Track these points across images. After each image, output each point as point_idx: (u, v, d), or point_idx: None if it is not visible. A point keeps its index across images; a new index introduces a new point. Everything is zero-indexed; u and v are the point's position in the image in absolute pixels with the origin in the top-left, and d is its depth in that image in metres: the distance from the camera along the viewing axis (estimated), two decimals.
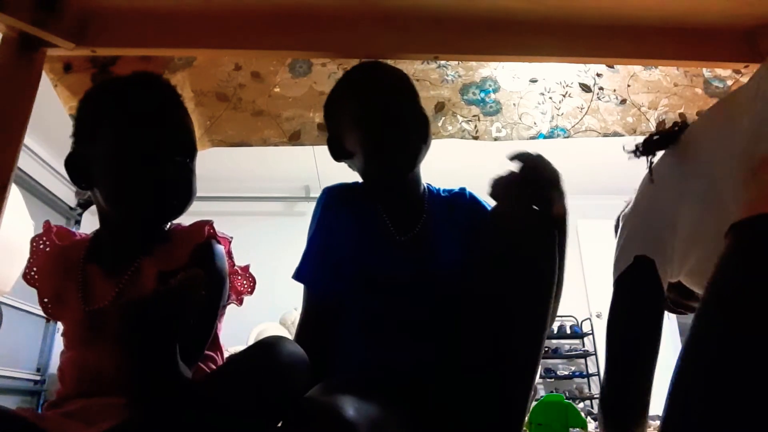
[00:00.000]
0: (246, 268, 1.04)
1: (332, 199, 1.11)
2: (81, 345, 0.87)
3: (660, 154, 1.12)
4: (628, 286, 1.02)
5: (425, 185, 1.16)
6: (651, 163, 1.11)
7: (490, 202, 0.95)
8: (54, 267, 0.92)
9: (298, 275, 1.08)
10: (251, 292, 1.04)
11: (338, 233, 1.06)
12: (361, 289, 1.04)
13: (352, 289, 1.05)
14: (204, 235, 0.91)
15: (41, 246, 0.94)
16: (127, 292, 0.87)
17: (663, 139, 1.11)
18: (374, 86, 1.08)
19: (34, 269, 0.93)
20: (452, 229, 1.07)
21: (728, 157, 0.85)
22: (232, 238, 1.00)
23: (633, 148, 1.15)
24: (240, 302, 1.03)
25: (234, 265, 1.01)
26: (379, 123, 1.04)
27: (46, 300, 0.91)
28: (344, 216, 1.08)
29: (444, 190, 1.18)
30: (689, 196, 0.96)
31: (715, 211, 0.85)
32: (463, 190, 1.19)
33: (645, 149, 1.13)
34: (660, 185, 1.07)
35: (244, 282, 1.04)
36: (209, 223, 0.94)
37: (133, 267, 0.89)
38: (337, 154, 1.14)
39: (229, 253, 0.99)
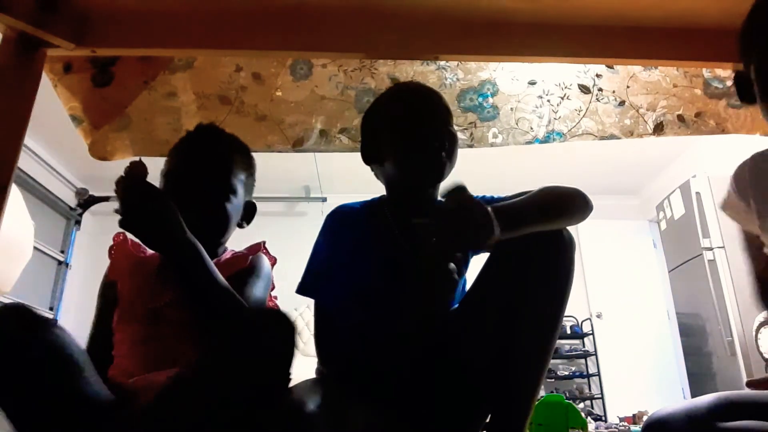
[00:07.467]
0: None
1: (338, 221, 1.10)
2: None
3: None
4: None
5: None
6: None
7: None
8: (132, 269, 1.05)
9: (304, 289, 1.08)
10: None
11: (344, 253, 1.06)
12: (362, 297, 1.03)
13: (354, 296, 1.04)
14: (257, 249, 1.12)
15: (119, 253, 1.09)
16: None
17: None
18: (422, 98, 1.11)
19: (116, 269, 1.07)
20: None
21: None
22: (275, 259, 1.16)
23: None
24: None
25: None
26: (419, 131, 1.05)
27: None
28: (350, 235, 1.07)
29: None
30: None
31: None
32: (483, 198, 1.17)
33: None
34: None
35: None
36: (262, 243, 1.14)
37: None
38: (369, 158, 1.15)
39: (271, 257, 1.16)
